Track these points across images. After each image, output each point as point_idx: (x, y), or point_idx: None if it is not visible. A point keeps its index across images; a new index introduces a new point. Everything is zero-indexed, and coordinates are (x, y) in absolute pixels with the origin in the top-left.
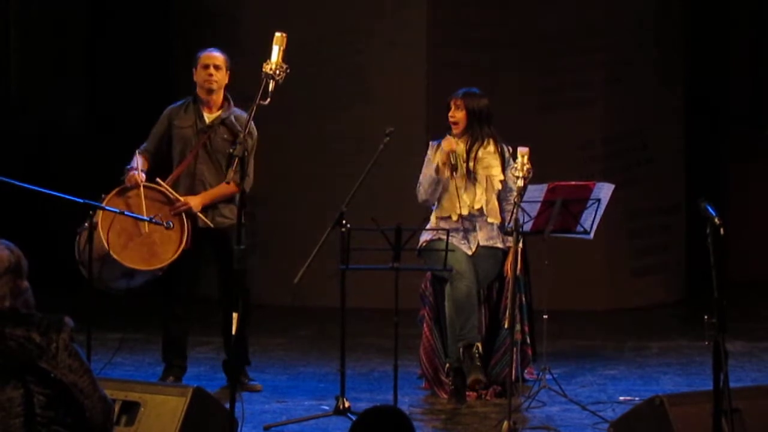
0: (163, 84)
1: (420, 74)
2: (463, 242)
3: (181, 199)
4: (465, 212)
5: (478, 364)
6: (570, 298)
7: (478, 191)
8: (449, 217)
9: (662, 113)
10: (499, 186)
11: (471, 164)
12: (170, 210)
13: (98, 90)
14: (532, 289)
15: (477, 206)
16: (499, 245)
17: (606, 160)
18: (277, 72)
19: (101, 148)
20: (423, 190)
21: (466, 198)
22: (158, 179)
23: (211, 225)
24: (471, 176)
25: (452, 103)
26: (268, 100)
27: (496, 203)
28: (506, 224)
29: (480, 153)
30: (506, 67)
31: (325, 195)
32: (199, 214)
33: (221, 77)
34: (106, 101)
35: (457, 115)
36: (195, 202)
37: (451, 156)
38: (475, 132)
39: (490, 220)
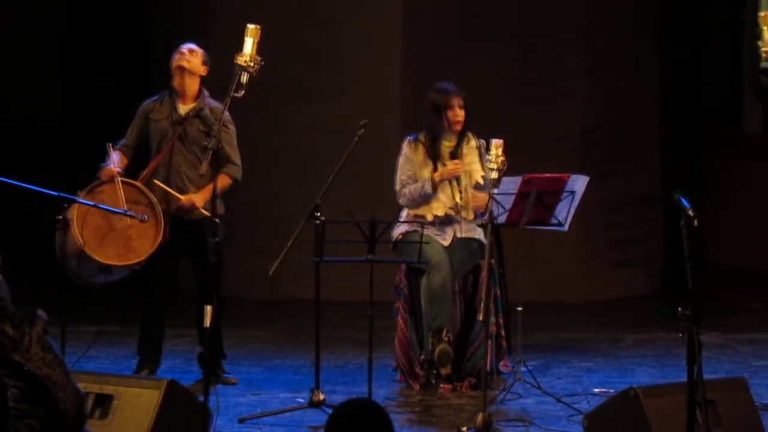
0: (140, 75)
1: (395, 66)
2: (438, 234)
3: (182, 197)
4: (440, 213)
5: (445, 340)
6: (546, 291)
7: (456, 189)
8: (423, 217)
9: (639, 104)
10: (480, 181)
11: (456, 161)
12: (173, 207)
13: (74, 82)
14: (507, 281)
15: (452, 203)
16: (476, 235)
17: (584, 152)
18: (252, 64)
19: (78, 141)
20: (408, 197)
21: (443, 198)
22: (137, 183)
23: (207, 214)
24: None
25: (455, 102)
26: (243, 92)
27: (473, 199)
28: (481, 216)
29: (465, 150)
30: (482, 58)
31: (301, 187)
32: (202, 210)
33: (195, 61)
34: (83, 93)
35: (461, 114)
36: (198, 198)
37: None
38: (464, 129)
39: (464, 215)
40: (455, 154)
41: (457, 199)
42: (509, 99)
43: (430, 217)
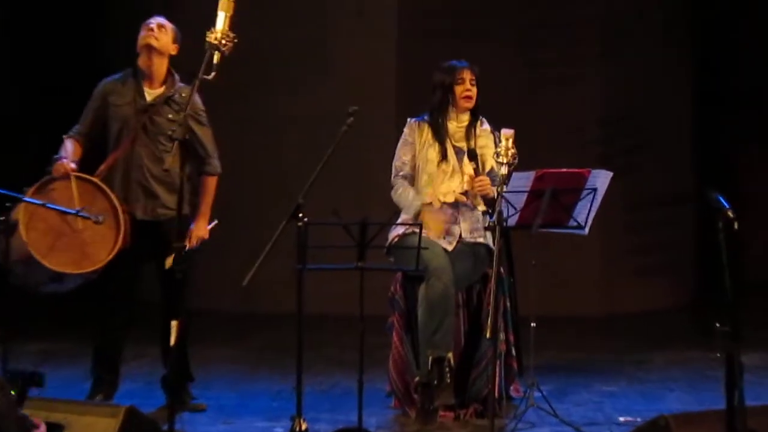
0: (97, 57)
1: (389, 45)
2: (441, 236)
3: (191, 237)
4: (450, 199)
5: (448, 381)
6: (562, 303)
7: (467, 171)
8: (429, 204)
9: (667, 90)
10: (495, 168)
11: (471, 143)
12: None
13: (27, 69)
14: (518, 292)
15: (466, 188)
16: (483, 240)
17: (603, 144)
18: (223, 42)
19: (30, 134)
20: (395, 198)
21: (451, 184)
22: (94, 178)
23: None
24: (462, 155)
25: (465, 76)
26: (213, 74)
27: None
28: (489, 217)
29: (478, 131)
30: (487, 37)
31: (281, 184)
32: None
33: (164, 39)
34: (35, 80)
35: (474, 90)
36: (203, 227)
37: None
38: (476, 108)
39: (476, 203)
40: (467, 136)
41: (467, 187)
42: (517, 84)
43: (437, 204)
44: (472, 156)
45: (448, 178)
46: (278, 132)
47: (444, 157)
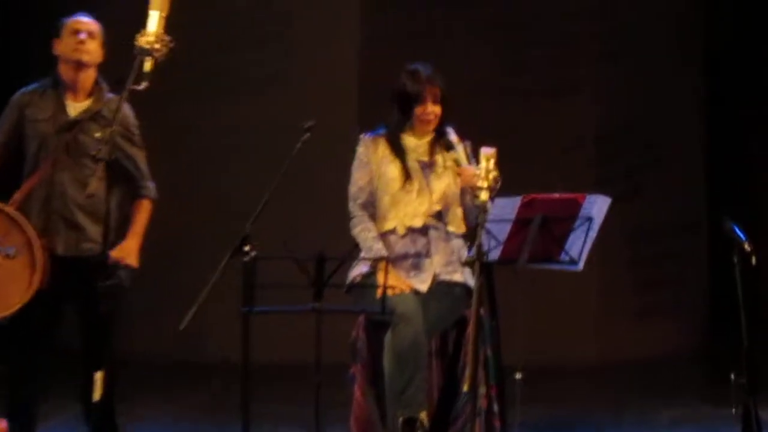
0: (14, 64)
1: (351, 48)
2: (412, 273)
3: (112, 254)
4: (418, 223)
5: None
6: (553, 350)
7: (437, 188)
8: (393, 231)
9: (675, 101)
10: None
11: (436, 157)
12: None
13: None
14: (502, 338)
15: (436, 207)
16: (459, 278)
17: (600, 165)
18: (156, 47)
19: None
20: (355, 235)
21: (418, 205)
22: (7, 208)
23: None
24: (429, 171)
25: (427, 94)
26: (145, 84)
27: (459, 207)
28: (467, 250)
29: (452, 153)
30: (465, 38)
31: (226, 210)
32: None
33: (95, 49)
34: None
35: (437, 109)
36: (133, 250)
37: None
38: (442, 125)
39: (450, 228)
40: (433, 150)
41: (437, 206)
42: (501, 93)
43: (401, 230)
44: (449, 146)
45: (415, 198)
46: (223, 149)
47: (407, 175)
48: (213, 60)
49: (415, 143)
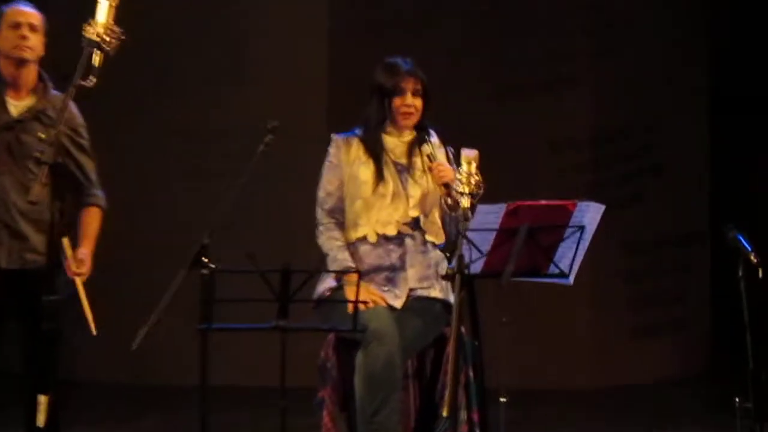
0: None
1: (319, 41)
2: (386, 287)
3: (72, 268)
4: (391, 231)
5: None
6: (540, 372)
7: (414, 193)
8: (365, 239)
9: (677, 101)
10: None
11: (414, 159)
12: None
13: None
14: (485, 358)
15: (412, 214)
16: (438, 294)
17: (593, 169)
18: (106, 39)
19: None
20: (321, 244)
21: (393, 211)
22: None
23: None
24: (407, 174)
25: (406, 86)
26: (93, 80)
27: (439, 215)
28: (448, 263)
29: (425, 147)
30: (445, 29)
31: (183, 219)
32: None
33: (37, 43)
34: None
35: (417, 103)
36: (88, 258)
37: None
38: (423, 121)
39: (429, 238)
40: (411, 151)
41: (413, 213)
42: (484, 90)
43: (373, 238)
44: (422, 141)
45: (389, 203)
46: (179, 152)
47: (381, 177)
48: (163, 53)
49: (393, 143)
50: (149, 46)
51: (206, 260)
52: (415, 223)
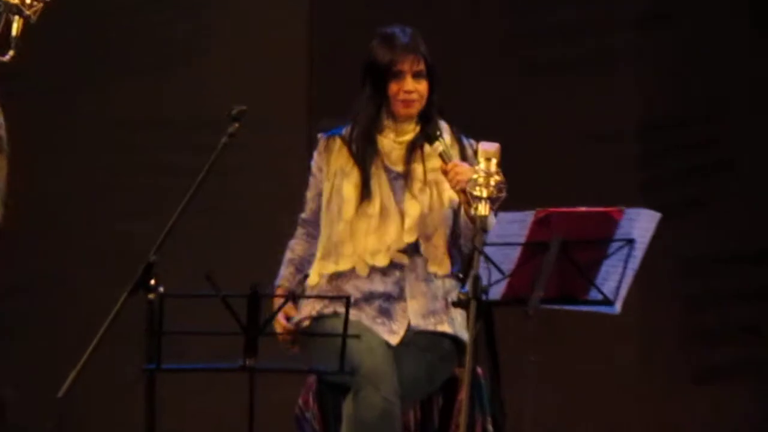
0: None
1: (298, 27)
2: (379, 320)
3: None
4: (381, 262)
5: None
6: (578, 421)
7: (412, 212)
8: (352, 272)
9: (749, 82)
10: (453, 206)
11: (413, 167)
12: None
13: None
14: (507, 406)
15: (408, 239)
16: (447, 328)
17: (645, 168)
18: (27, 1)
19: None
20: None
21: (383, 234)
22: None
23: None
24: (403, 186)
25: (404, 68)
26: (11, 53)
27: (444, 238)
28: (461, 285)
29: (436, 144)
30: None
31: (126, 231)
32: None
33: None
34: None
35: (420, 87)
36: None
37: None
38: (430, 111)
39: (431, 269)
40: (410, 156)
41: (408, 237)
42: (507, 71)
43: (362, 271)
44: (432, 137)
45: (376, 226)
46: (123, 149)
47: (366, 193)
48: (105, 24)
49: (388, 145)
50: (85, 14)
51: (153, 282)
52: (413, 249)
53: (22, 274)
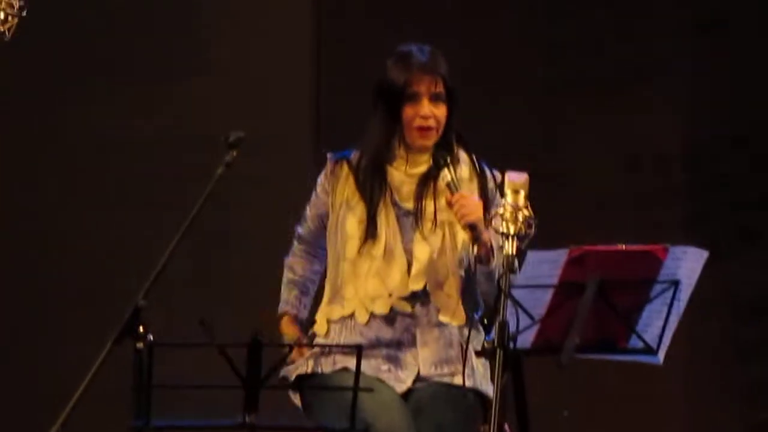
0: None
1: (301, 37)
2: (384, 367)
3: None
4: (381, 309)
5: None
6: None
7: (421, 255)
8: (351, 316)
9: None
10: (469, 248)
11: (424, 204)
12: None
13: None
14: None
15: (414, 287)
16: (466, 380)
17: (691, 198)
18: (2, 14)
19: None
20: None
21: (386, 278)
22: None
23: None
24: (413, 225)
25: (420, 89)
26: None
27: (458, 285)
28: (485, 334)
29: (444, 173)
30: (471, 7)
31: (114, 268)
32: None
33: None
34: None
35: (439, 112)
36: None
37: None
38: (447, 140)
39: (443, 318)
40: (421, 192)
41: (415, 285)
42: (536, 91)
43: (362, 317)
44: (443, 162)
45: (379, 269)
46: (111, 173)
47: (372, 230)
48: (96, 41)
49: (399, 179)
50: (64, 28)
51: (142, 329)
52: (422, 297)
53: None
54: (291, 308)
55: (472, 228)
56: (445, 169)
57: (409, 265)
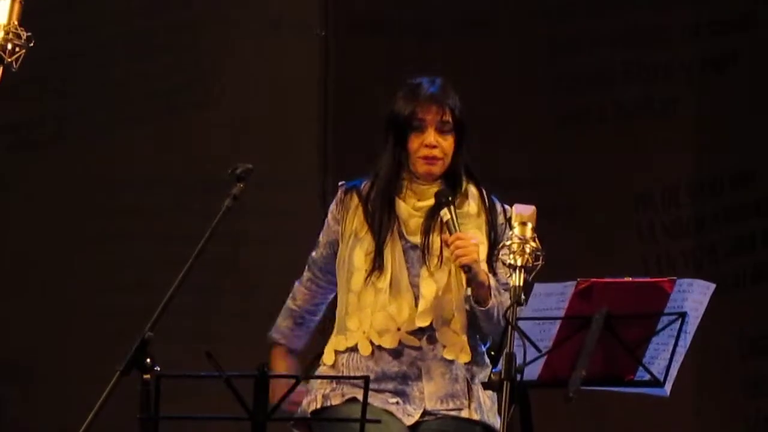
0: None
1: (309, 57)
2: (393, 401)
3: None
4: (388, 343)
5: None
6: None
7: (428, 291)
8: (354, 349)
9: None
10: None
11: (431, 239)
12: None
13: None
14: None
15: (421, 323)
16: (474, 414)
17: (700, 230)
18: (9, 46)
19: None
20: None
21: (394, 314)
22: None
23: None
24: (420, 261)
25: (426, 117)
26: None
27: (464, 323)
28: (492, 366)
29: (444, 212)
30: (482, 34)
31: (118, 301)
32: None
33: None
34: None
35: (445, 143)
36: None
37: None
38: (455, 173)
39: (447, 355)
40: (428, 226)
41: (421, 322)
42: (543, 120)
43: (365, 350)
44: (444, 200)
45: (386, 303)
46: (105, 210)
47: (378, 262)
48: (93, 68)
49: (406, 212)
50: (78, 57)
51: (149, 361)
52: (428, 333)
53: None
54: (280, 337)
55: (466, 269)
56: (445, 209)
57: (416, 299)
